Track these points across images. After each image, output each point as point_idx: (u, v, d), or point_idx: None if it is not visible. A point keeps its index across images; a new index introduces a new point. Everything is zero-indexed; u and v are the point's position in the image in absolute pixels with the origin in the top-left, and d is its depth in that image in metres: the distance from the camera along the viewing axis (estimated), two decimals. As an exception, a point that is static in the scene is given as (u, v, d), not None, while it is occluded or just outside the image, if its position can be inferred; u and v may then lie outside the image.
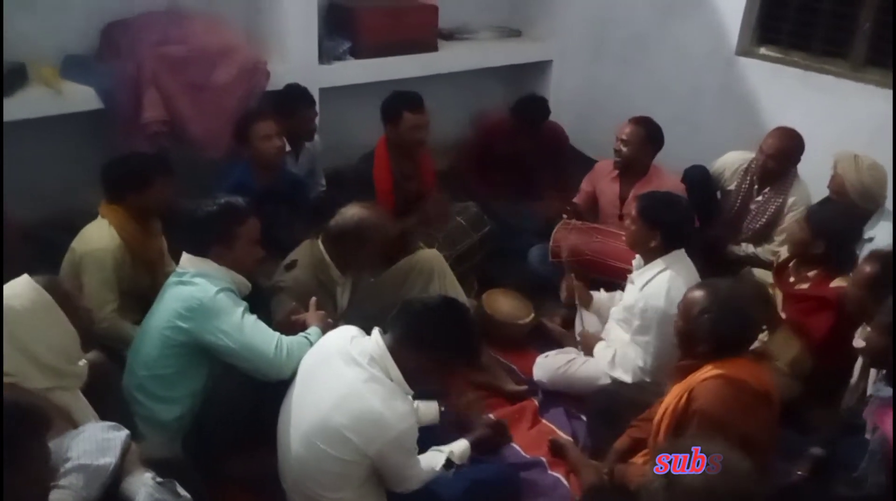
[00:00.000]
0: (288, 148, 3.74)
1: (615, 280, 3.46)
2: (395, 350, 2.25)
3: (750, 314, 2.35)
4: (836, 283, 3.02)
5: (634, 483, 2.34)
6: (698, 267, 3.00)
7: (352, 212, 2.93)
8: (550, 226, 3.80)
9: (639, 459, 2.48)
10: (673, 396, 2.34)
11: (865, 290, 2.67)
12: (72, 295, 2.15)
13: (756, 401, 2.26)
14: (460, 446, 2.55)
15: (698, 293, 2.35)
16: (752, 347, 3.05)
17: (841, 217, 3.14)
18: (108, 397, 2.36)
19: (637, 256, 3.04)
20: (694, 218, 3.02)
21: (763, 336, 3.16)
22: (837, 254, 3.07)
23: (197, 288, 2.46)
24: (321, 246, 2.94)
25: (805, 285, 3.12)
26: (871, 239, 3.36)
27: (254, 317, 2.51)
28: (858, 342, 2.60)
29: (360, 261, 2.97)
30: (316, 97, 4.01)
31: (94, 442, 1.81)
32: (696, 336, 2.33)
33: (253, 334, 2.45)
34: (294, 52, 4.04)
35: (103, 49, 3.68)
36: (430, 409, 2.75)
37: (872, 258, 2.76)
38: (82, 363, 2.15)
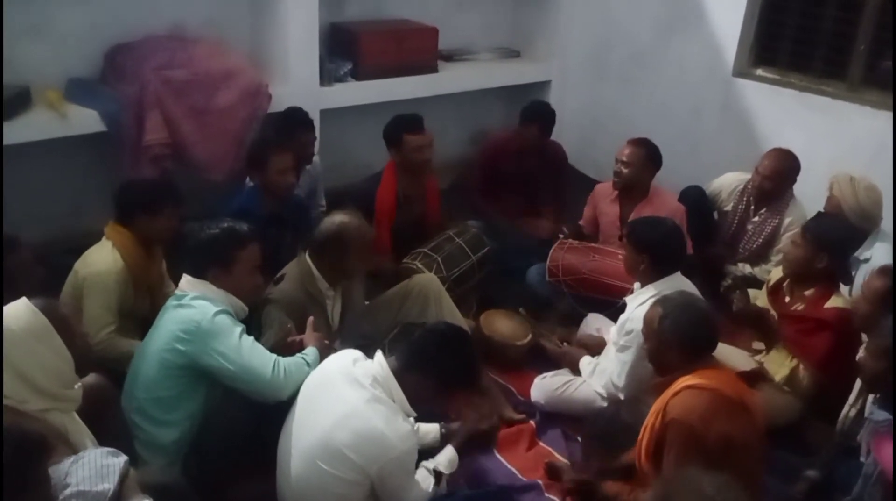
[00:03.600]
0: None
1: (612, 298, 3.47)
2: (399, 373, 2.31)
3: (705, 311, 2.41)
4: (832, 302, 3.03)
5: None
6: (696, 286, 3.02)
7: (331, 219, 2.98)
8: (548, 245, 3.83)
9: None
10: (651, 414, 2.40)
11: (876, 305, 2.67)
12: (69, 319, 2.16)
13: (731, 407, 2.29)
14: (447, 455, 2.58)
15: (655, 308, 2.44)
16: (748, 368, 3.09)
17: (841, 229, 3.14)
18: (107, 420, 2.39)
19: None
20: (684, 241, 3.03)
21: (760, 357, 3.18)
22: (839, 267, 3.07)
23: (195, 311, 2.48)
24: (308, 259, 2.98)
25: (801, 305, 3.12)
26: (867, 260, 3.38)
27: (251, 339, 2.53)
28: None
29: (343, 267, 2.98)
30: (317, 119, 4.05)
31: (92, 468, 1.83)
32: (662, 346, 2.39)
33: (251, 355, 2.47)
34: (296, 74, 4.09)
35: (107, 72, 3.74)
36: (431, 430, 2.77)
37: (883, 273, 2.76)
38: (77, 386, 2.16)
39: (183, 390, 2.52)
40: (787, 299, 3.21)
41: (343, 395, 2.27)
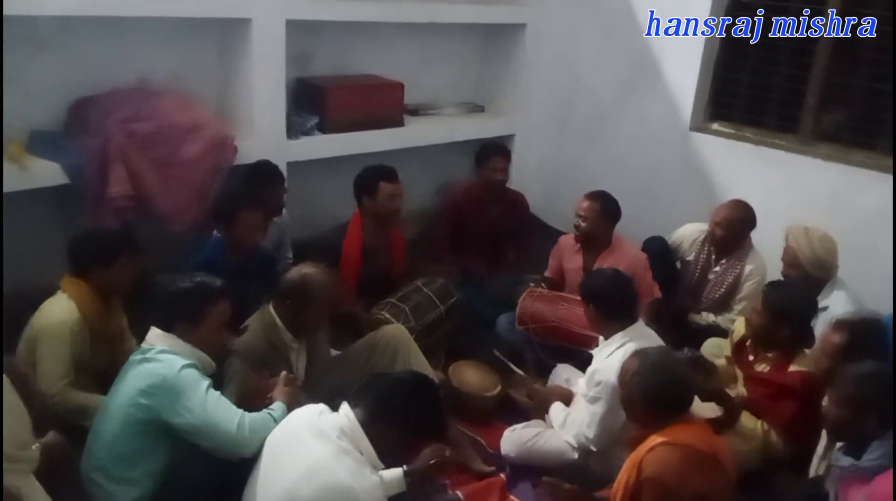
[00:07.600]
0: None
1: (580, 347, 3.49)
2: (366, 424, 2.28)
3: (680, 375, 2.43)
4: (796, 366, 3.04)
5: None
6: (661, 336, 3.04)
7: (296, 270, 2.98)
8: (516, 294, 3.84)
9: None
10: (625, 470, 2.40)
11: (835, 359, 2.70)
12: (28, 377, 2.11)
13: (704, 462, 2.31)
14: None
15: (631, 360, 2.46)
16: (712, 417, 3.10)
17: (799, 296, 3.15)
18: (65, 479, 2.30)
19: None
20: (633, 290, 3.06)
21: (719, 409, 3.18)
22: (801, 332, 3.08)
23: (161, 365, 2.43)
24: (272, 310, 2.96)
25: (765, 366, 3.14)
26: (825, 308, 3.45)
27: (217, 393, 2.48)
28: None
29: (306, 319, 2.97)
30: (284, 171, 4.06)
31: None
32: (632, 400, 2.42)
33: (216, 411, 2.42)
34: (262, 127, 4.11)
35: (71, 125, 3.70)
36: (394, 476, 2.70)
37: (840, 327, 2.80)
38: (35, 447, 2.09)
39: (144, 446, 2.45)
40: (752, 357, 3.23)
41: (309, 448, 2.24)
